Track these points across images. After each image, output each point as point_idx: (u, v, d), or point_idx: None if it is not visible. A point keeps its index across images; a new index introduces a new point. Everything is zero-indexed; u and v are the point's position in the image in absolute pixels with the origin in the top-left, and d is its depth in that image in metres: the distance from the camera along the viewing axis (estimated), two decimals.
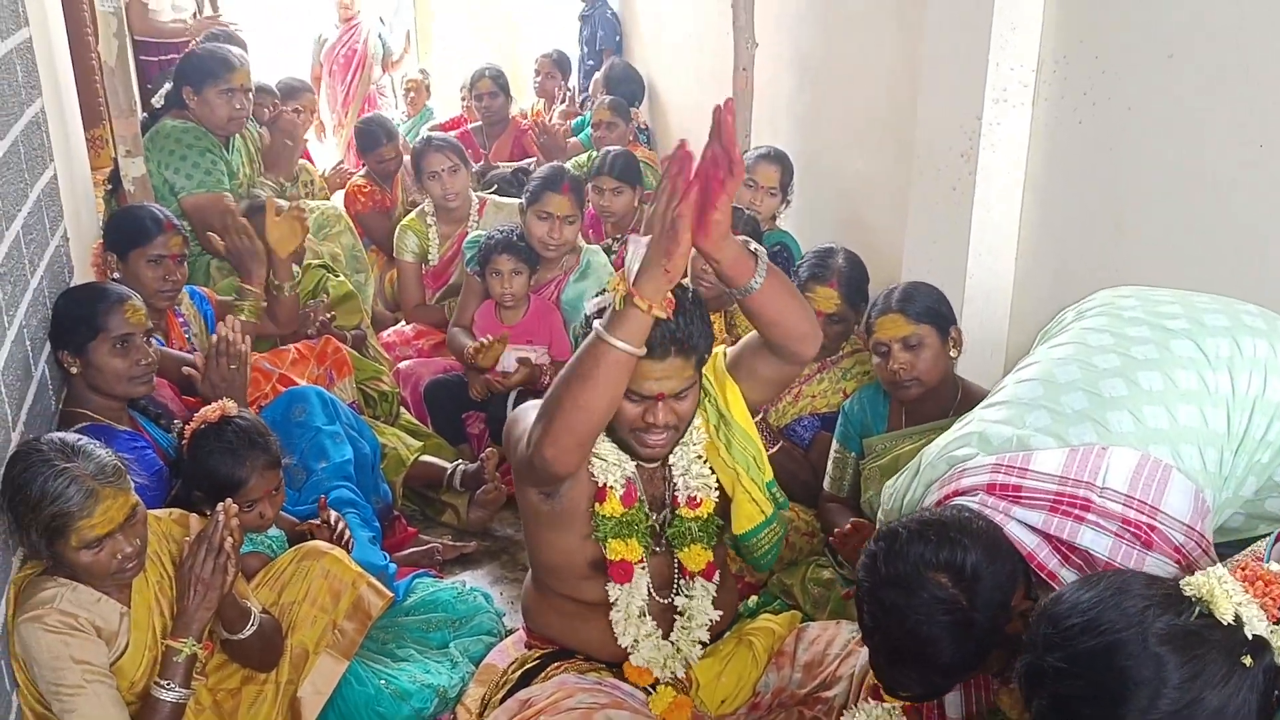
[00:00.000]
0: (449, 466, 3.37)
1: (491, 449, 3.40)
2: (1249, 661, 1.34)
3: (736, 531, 2.21)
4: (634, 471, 2.12)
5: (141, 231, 2.91)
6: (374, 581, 2.42)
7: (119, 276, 2.89)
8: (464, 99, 6.05)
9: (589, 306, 1.95)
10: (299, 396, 2.98)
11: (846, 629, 2.17)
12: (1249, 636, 1.35)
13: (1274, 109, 2.14)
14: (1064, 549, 1.71)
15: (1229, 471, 1.78)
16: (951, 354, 2.67)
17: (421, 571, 2.96)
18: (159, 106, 3.80)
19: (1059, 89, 2.70)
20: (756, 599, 2.59)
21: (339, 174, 5.32)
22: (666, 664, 2.15)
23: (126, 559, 1.95)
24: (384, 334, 4.22)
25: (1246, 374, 1.80)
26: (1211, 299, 1.96)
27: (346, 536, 2.59)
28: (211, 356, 2.71)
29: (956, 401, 2.63)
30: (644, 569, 2.14)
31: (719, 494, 2.18)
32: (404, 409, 3.69)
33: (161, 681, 2.01)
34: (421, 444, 3.45)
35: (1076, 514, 1.70)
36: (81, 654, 1.92)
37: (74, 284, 2.73)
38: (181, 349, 3.01)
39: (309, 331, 3.40)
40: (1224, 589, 1.37)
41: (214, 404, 2.44)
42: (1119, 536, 1.68)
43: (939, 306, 2.67)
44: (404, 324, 4.33)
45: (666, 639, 2.18)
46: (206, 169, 3.62)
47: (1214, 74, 2.27)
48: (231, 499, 2.17)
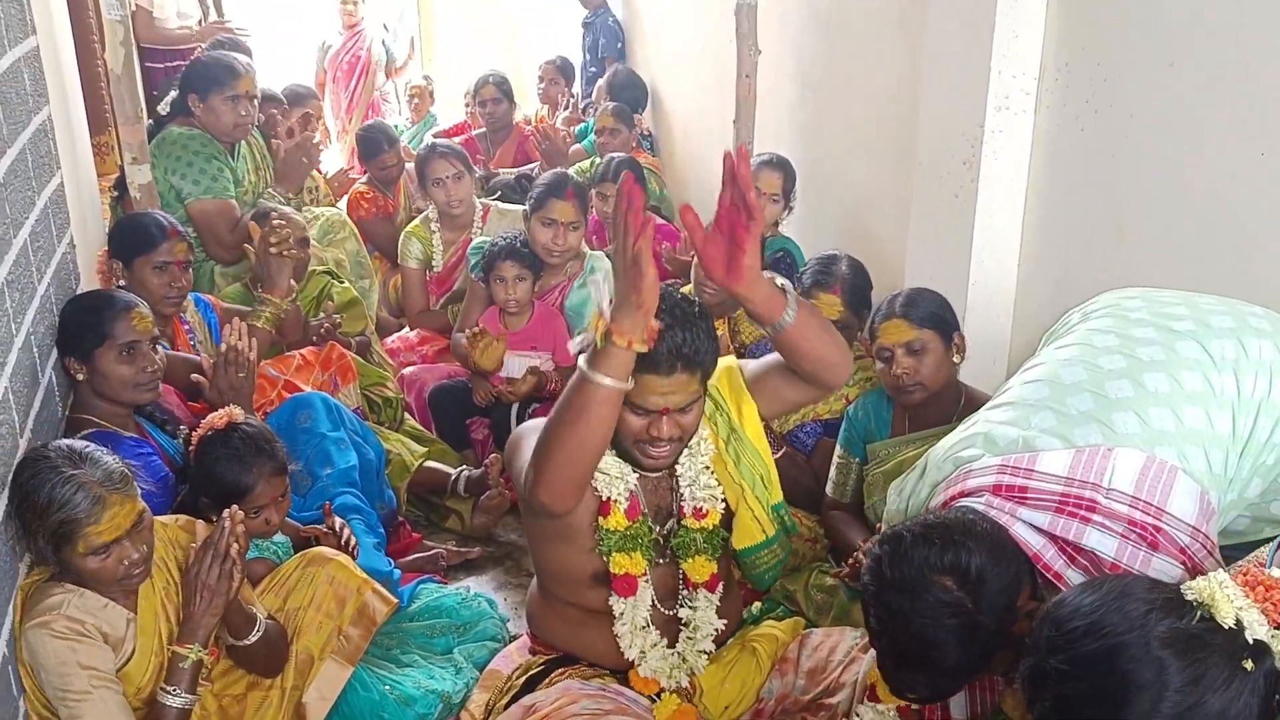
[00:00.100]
0: (453, 472, 3.36)
1: (496, 455, 3.40)
2: (1250, 665, 1.35)
3: (736, 546, 2.21)
4: (637, 484, 2.12)
5: (146, 238, 2.93)
6: (379, 588, 2.43)
7: (124, 283, 2.91)
8: (468, 105, 6.07)
9: (572, 346, 1.93)
10: (304, 403, 2.98)
11: (850, 635, 2.17)
12: (1250, 641, 1.36)
13: (1274, 115, 2.15)
14: (1070, 550, 1.71)
15: (1234, 474, 1.79)
16: (955, 360, 2.67)
17: (426, 577, 2.95)
18: (165, 114, 3.81)
19: (1061, 96, 2.70)
20: (760, 605, 2.59)
21: (342, 179, 5.33)
22: (672, 674, 2.15)
23: (133, 565, 1.96)
24: (388, 340, 4.22)
25: (1252, 376, 1.81)
26: (1217, 300, 1.96)
27: (353, 544, 2.60)
28: (219, 363, 2.72)
29: (959, 407, 2.63)
30: (648, 582, 2.14)
31: (724, 506, 2.18)
32: (408, 415, 3.68)
33: (167, 687, 2.01)
34: (426, 450, 3.45)
35: (1082, 515, 1.70)
36: (88, 660, 1.93)
37: (80, 291, 2.74)
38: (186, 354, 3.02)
39: (314, 338, 3.41)
40: (1225, 594, 1.38)
41: (221, 411, 2.44)
42: (1125, 538, 1.68)
43: (942, 312, 2.67)
44: (408, 330, 4.33)
45: (672, 648, 2.18)
46: (213, 176, 3.64)
47: (1215, 81, 2.27)
48: (238, 505, 2.18)
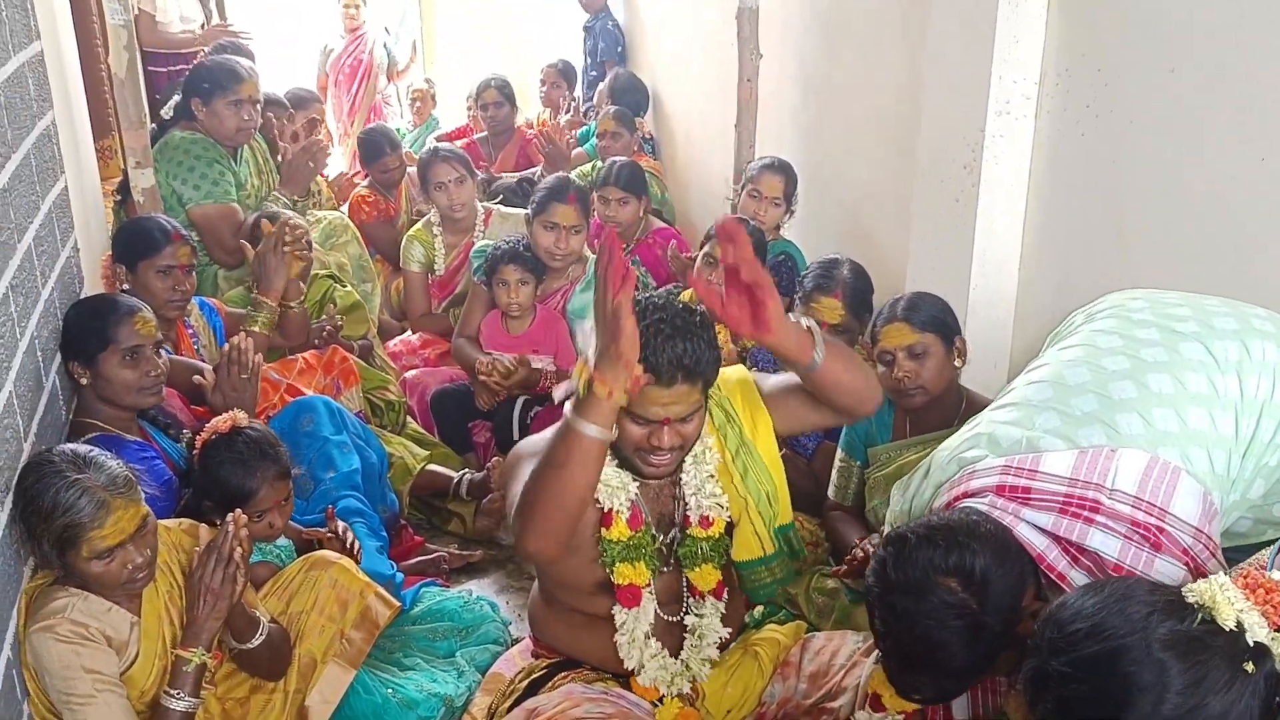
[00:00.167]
0: (455, 475, 3.36)
1: (498, 458, 3.40)
2: (1251, 668, 1.35)
3: (735, 558, 2.21)
4: (638, 493, 2.11)
5: (150, 243, 2.94)
6: (381, 591, 2.44)
7: (128, 288, 2.92)
8: (469, 108, 6.08)
9: (558, 393, 1.92)
10: (307, 406, 2.99)
11: (852, 639, 2.17)
12: (1251, 643, 1.37)
13: (1274, 120, 2.15)
14: (1073, 550, 1.72)
15: (1237, 474, 1.79)
16: (956, 364, 2.68)
17: (428, 580, 2.96)
18: (168, 118, 3.82)
19: (1061, 101, 2.71)
20: (762, 609, 2.59)
21: (344, 183, 5.34)
22: (674, 681, 2.15)
23: (137, 569, 1.96)
24: (390, 343, 4.23)
25: (1255, 377, 1.81)
26: (1221, 302, 1.96)
27: (357, 548, 2.61)
28: (223, 367, 2.73)
29: (960, 411, 2.63)
30: (651, 592, 2.14)
31: (729, 515, 2.17)
32: (410, 418, 3.69)
33: (171, 691, 2.02)
34: (428, 453, 3.46)
35: (1086, 516, 1.70)
36: (92, 663, 1.93)
37: (84, 295, 2.75)
38: (190, 359, 3.03)
39: (316, 341, 3.42)
40: (1226, 596, 1.39)
41: (224, 415, 2.45)
42: (1128, 539, 1.69)
43: (944, 316, 2.68)
44: (410, 333, 4.34)
45: (675, 656, 2.17)
46: (214, 180, 3.64)
47: (1215, 86, 2.27)
48: (241, 509, 2.19)
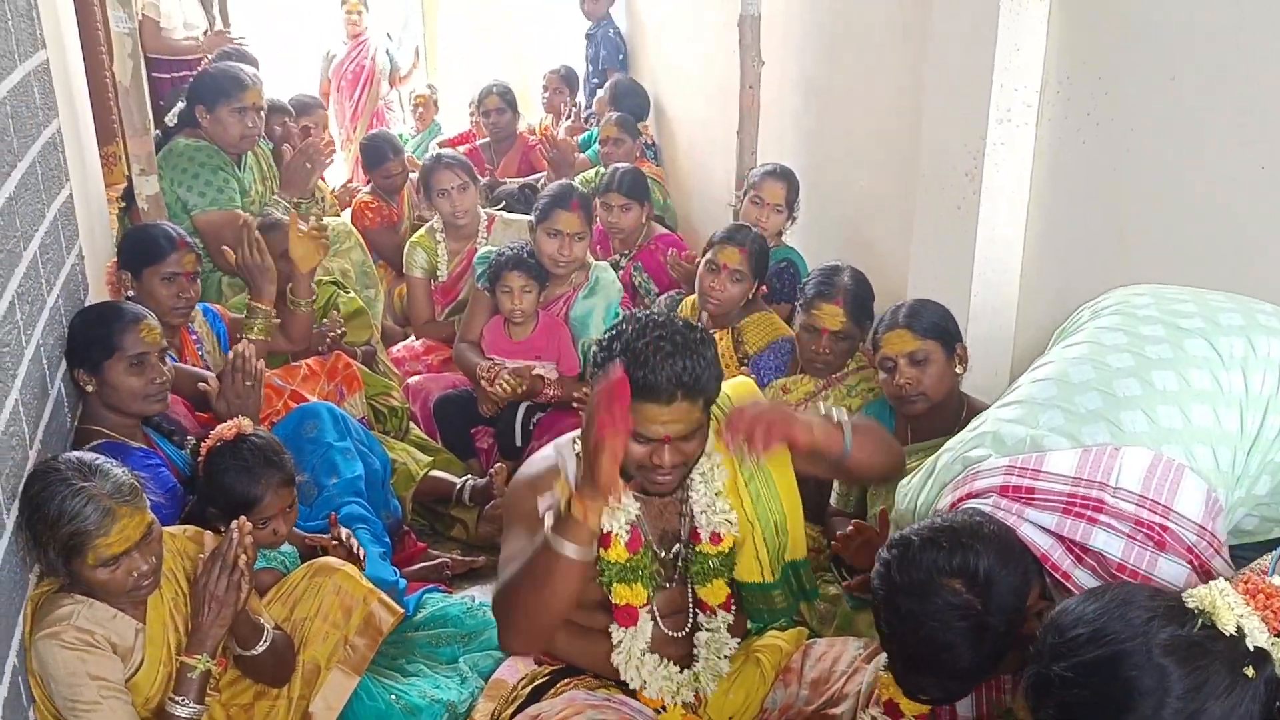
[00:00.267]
0: (458, 481, 3.38)
1: (500, 464, 3.42)
2: (1251, 673, 1.36)
3: (735, 576, 2.20)
4: (639, 512, 2.11)
5: (155, 250, 2.94)
6: (385, 598, 2.44)
7: (133, 294, 2.92)
8: (472, 114, 6.10)
9: (541, 504, 1.92)
10: (310, 413, 3.00)
11: (853, 646, 2.17)
12: (1251, 648, 1.37)
13: (1275, 128, 2.16)
14: (1077, 550, 1.72)
15: (1242, 471, 1.79)
16: (957, 370, 2.69)
17: (431, 586, 2.97)
18: (172, 125, 3.83)
19: (1062, 109, 2.71)
20: None
21: (348, 191, 5.36)
22: (680, 691, 2.15)
23: (142, 576, 1.97)
24: (393, 349, 4.23)
25: (1260, 373, 1.81)
26: (1227, 298, 1.96)
27: (362, 554, 2.61)
28: (227, 374, 2.74)
29: (962, 418, 2.63)
30: (649, 612, 2.13)
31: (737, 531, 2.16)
32: (413, 424, 3.70)
33: (176, 697, 2.03)
34: (431, 459, 3.47)
35: (1089, 516, 1.70)
36: (98, 670, 1.94)
37: (89, 302, 2.76)
38: (195, 366, 3.04)
39: (319, 348, 3.43)
40: (1226, 601, 1.39)
41: (229, 422, 2.46)
42: (1131, 538, 1.69)
43: (945, 323, 2.69)
44: (413, 339, 4.35)
45: (680, 667, 2.17)
46: (219, 187, 3.65)
47: (1216, 94, 2.28)
48: (246, 516, 2.20)
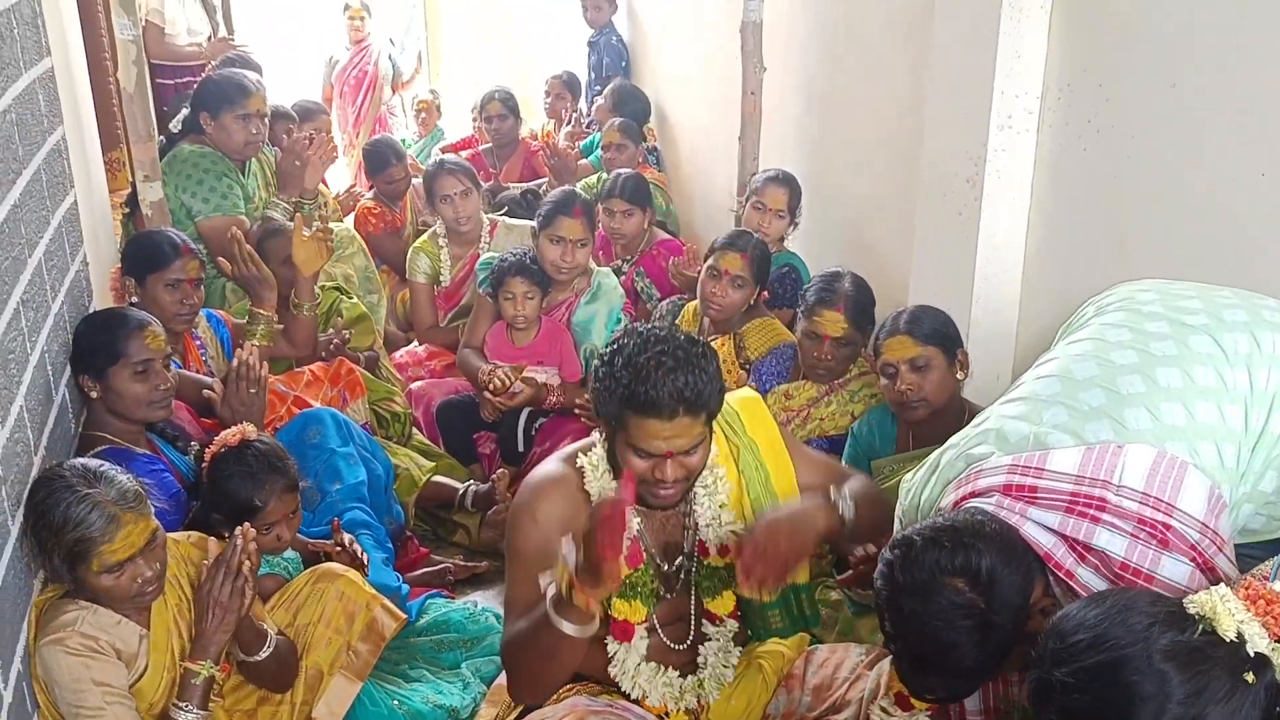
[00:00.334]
0: (461, 487, 3.39)
1: (503, 470, 3.43)
2: (1251, 678, 1.36)
3: (735, 591, 2.19)
4: (641, 525, 2.10)
5: (159, 256, 2.95)
6: (387, 603, 2.45)
7: (137, 301, 2.93)
8: (474, 120, 6.11)
9: (543, 580, 1.91)
10: (313, 418, 3.00)
11: (855, 652, 2.17)
12: (1251, 654, 1.38)
13: (1275, 136, 2.17)
14: (1080, 548, 1.72)
15: (1246, 468, 1.79)
16: (958, 376, 2.70)
17: (434, 592, 2.98)
18: (176, 131, 3.85)
19: (1063, 116, 2.72)
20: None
21: (351, 197, 5.37)
22: (683, 697, 2.15)
23: (146, 583, 1.98)
24: (396, 355, 4.24)
25: (1265, 370, 1.81)
26: (1232, 294, 1.96)
27: (366, 559, 2.62)
28: (231, 381, 2.75)
29: (963, 423, 2.64)
30: (646, 629, 2.13)
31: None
32: (416, 429, 3.70)
33: (179, 703, 2.04)
34: (433, 464, 3.47)
35: (1092, 515, 1.70)
36: (102, 676, 1.95)
37: (93, 308, 2.77)
38: (198, 372, 3.05)
39: (323, 353, 3.44)
40: (1226, 607, 1.40)
41: (234, 428, 2.47)
42: (1134, 537, 1.68)
43: (946, 329, 2.70)
44: (416, 345, 4.35)
45: (682, 674, 2.17)
46: (223, 193, 3.66)
47: (1216, 101, 2.29)
48: (250, 522, 2.21)
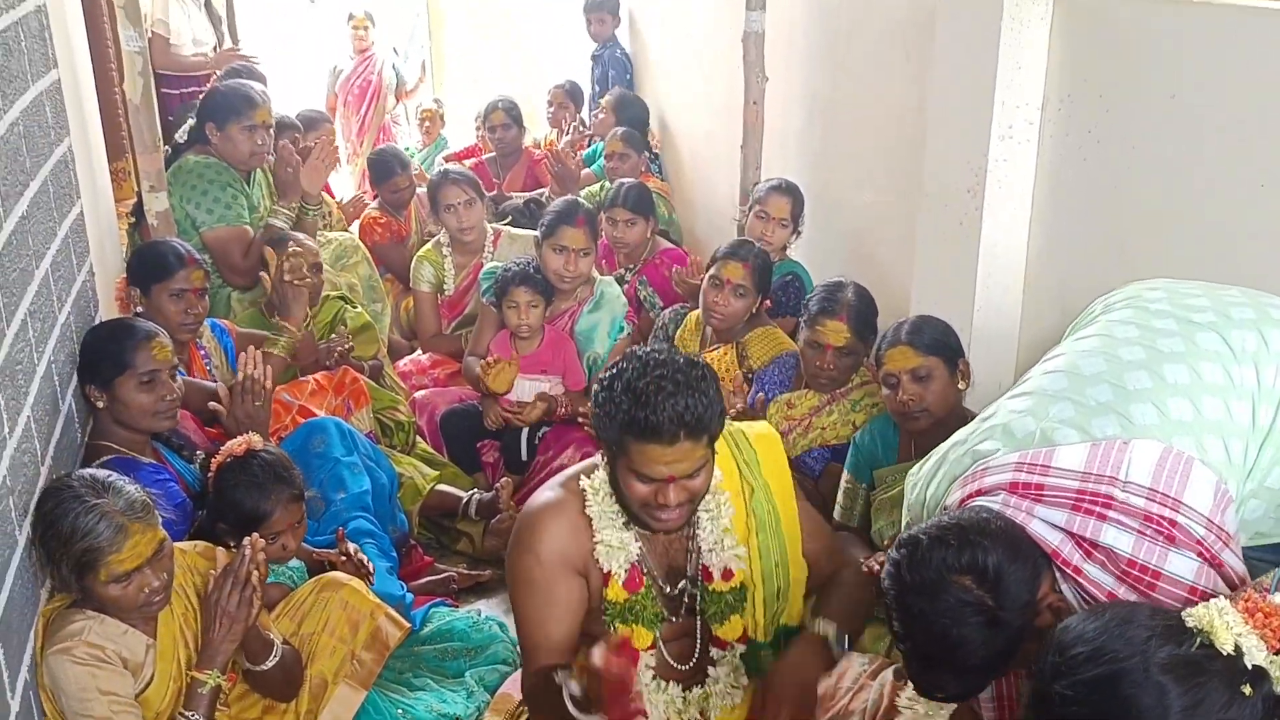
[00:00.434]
0: (464, 495, 3.39)
1: (506, 478, 3.43)
2: (1249, 691, 1.37)
3: (722, 635, 2.19)
4: (642, 551, 2.10)
5: (164, 266, 2.97)
6: (391, 612, 2.46)
7: (142, 310, 2.95)
8: (478, 129, 6.13)
9: (557, 677, 1.89)
10: (318, 428, 3.01)
11: (858, 662, 2.17)
12: (1249, 666, 1.39)
13: (1275, 148, 2.18)
14: (1086, 545, 1.72)
15: (1253, 463, 1.79)
16: (960, 386, 2.71)
17: (438, 600, 2.98)
18: (182, 142, 3.87)
19: (1064, 127, 2.73)
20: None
21: (356, 204, 5.39)
22: (687, 709, 2.15)
23: (154, 593, 1.99)
24: (400, 363, 4.25)
25: (1273, 368, 1.81)
26: (1240, 292, 1.97)
27: (371, 569, 2.63)
28: (236, 391, 2.76)
29: None
30: (652, 654, 2.13)
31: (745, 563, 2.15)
32: (420, 438, 3.71)
33: (186, 713, 2.05)
34: (437, 473, 3.47)
35: (1099, 512, 1.71)
36: (108, 685, 1.96)
37: (99, 319, 2.78)
38: (203, 381, 3.06)
39: (327, 362, 3.45)
40: (1224, 620, 1.41)
41: (240, 438, 2.48)
42: (1141, 533, 1.69)
43: (947, 339, 2.71)
44: (420, 353, 4.37)
45: (687, 687, 2.17)
46: (227, 203, 3.68)
47: (1216, 112, 2.30)
48: (255, 532, 2.21)
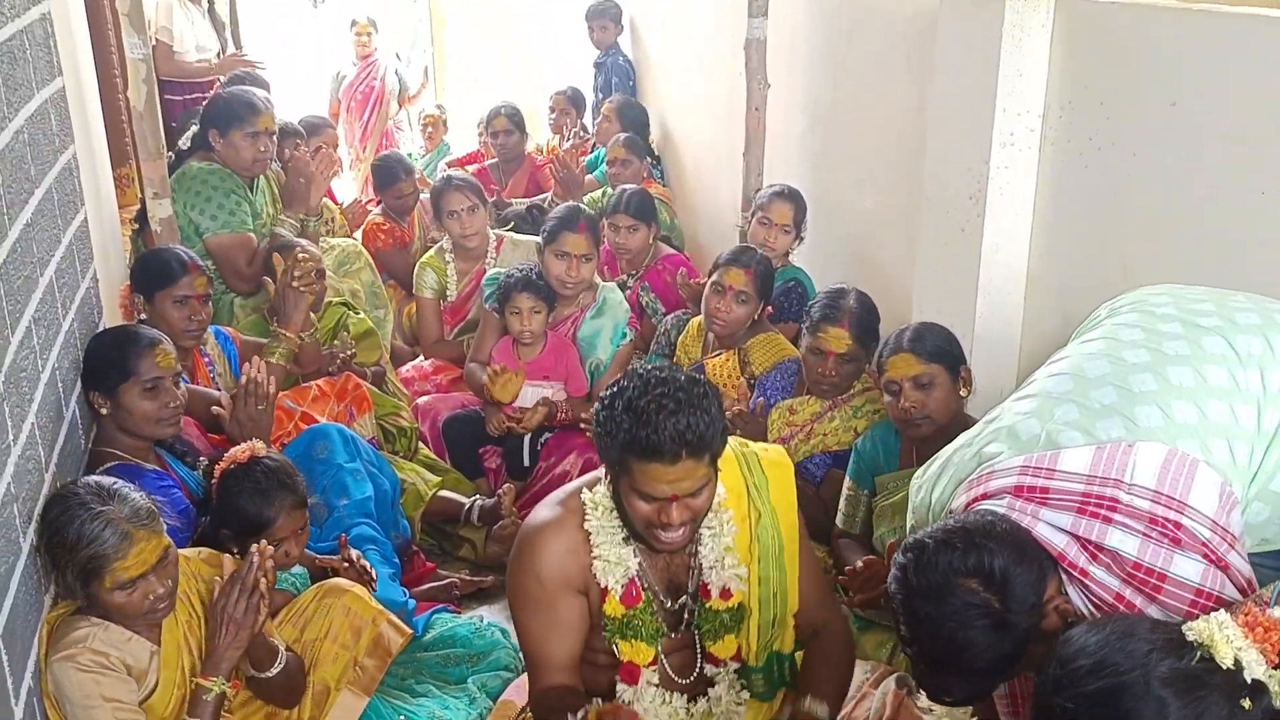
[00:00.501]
0: (467, 501, 3.39)
1: (509, 484, 3.44)
2: (1248, 704, 1.38)
3: (716, 652, 2.18)
4: (642, 567, 2.09)
5: (167, 273, 2.98)
6: (394, 618, 2.46)
7: (145, 317, 2.96)
8: (480, 135, 6.14)
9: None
10: (321, 434, 3.02)
11: (861, 669, 2.18)
12: (1248, 680, 1.40)
13: (1275, 156, 2.19)
14: (1092, 548, 1.73)
15: (1258, 466, 1.80)
16: (961, 393, 2.71)
17: (440, 607, 2.99)
18: (185, 149, 3.88)
19: (1065, 134, 2.74)
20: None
21: (358, 208, 5.40)
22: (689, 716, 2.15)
23: (158, 600, 2.00)
24: (403, 369, 4.25)
25: (1277, 372, 1.82)
26: (1245, 297, 1.98)
27: (374, 575, 2.63)
28: (239, 397, 2.77)
29: None
30: (654, 670, 2.12)
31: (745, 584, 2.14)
32: (422, 444, 3.71)
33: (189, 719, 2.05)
34: (439, 479, 3.47)
35: (1104, 515, 1.72)
36: (112, 692, 1.97)
37: (103, 325, 2.79)
38: (206, 387, 3.07)
39: (330, 369, 3.46)
40: (1224, 634, 1.42)
41: (243, 445, 2.48)
42: (1146, 536, 1.70)
43: (949, 346, 2.72)
44: (422, 359, 4.37)
45: (692, 700, 2.17)
46: (231, 210, 3.69)
47: (1216, 121, 2.31)
48: (259, 538, 2.22)
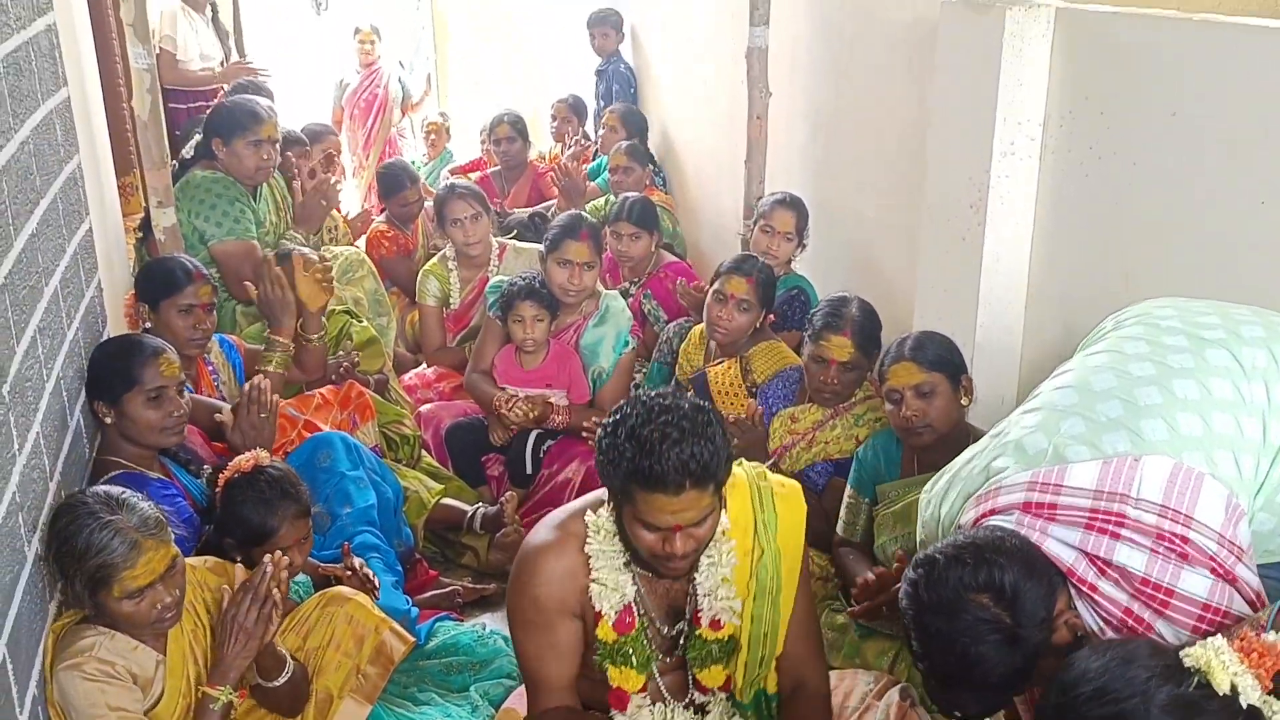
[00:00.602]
0: (469, 509, 3.40)
1: (511, 492, 3.44)
2: None
3: (705, 681, 2.18)
4: (639, 594, 2.08)
5: (172, 282, 2.98)
6: (396, 626, 2.47)
7: (150, 326, 2.96)
8: (483, 143, 6.16)
9: None
10: (324, 442, 3.02)
11: (864, 680, 2.19)
12: (1244, 706, 1.42)
13: (1275, 165, 2.20)
14: (1100, 563, 1.75)
15: (1264, 478, 1.81)
16: (963, 402, 2.72)
17: (443, 614, 2.99)
18: (189, 157, 3.89)
19: (1065, 143, 2.75)
20: None
21: (363, 218, 5.41)
22: None
23: (166, 609, 2.00)
24: (405, 377, 4.26)
25: None
26: (1250, 311, 1.99)
27: (377, 583, 2.64)
28: (242, 406, 2.78)
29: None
30: (644, 697, 2.12)
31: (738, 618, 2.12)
32: (425, 452, 3.72)
33: None
34: (442, 487, 3.48)
35: (1112, 530, 1.73)
36: (117, 701, 1.97)
37: (107, 334, 2.79)
38: (210, 396, 3.08)
39: (333, 377, 3.47)
40: (1221, 661, 1.45)
41: (247, 454, 2.49)
42: (1154, 552, 1.72)
43: (950, 355, 2.72)
44: (425, 367, 4.38)
45: (692, 710, 2.17)
46: (235, 218, 3.70)
47: (1216, 130, 2.32)
48: (262, 547, 2.23)
